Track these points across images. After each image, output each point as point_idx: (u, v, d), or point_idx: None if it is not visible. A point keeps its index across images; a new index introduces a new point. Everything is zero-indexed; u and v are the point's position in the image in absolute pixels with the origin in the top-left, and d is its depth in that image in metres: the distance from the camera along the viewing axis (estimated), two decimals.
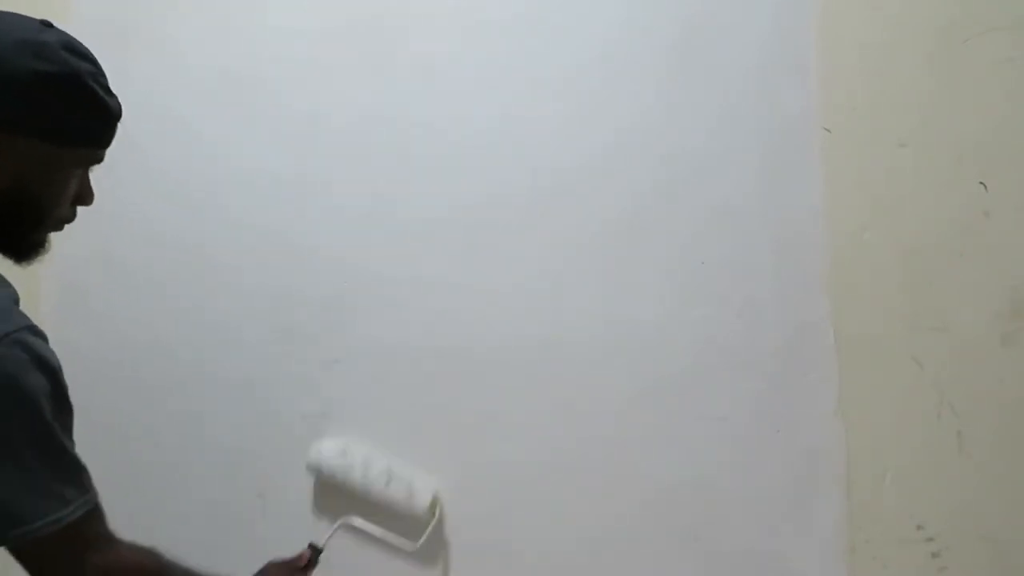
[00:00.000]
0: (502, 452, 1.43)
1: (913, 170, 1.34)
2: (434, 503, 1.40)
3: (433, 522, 1.40)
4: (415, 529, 1.40)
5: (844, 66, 1.36)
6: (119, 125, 0.99)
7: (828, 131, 1.36)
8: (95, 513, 0.91)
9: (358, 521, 1.36)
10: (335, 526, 1.32)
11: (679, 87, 1.41)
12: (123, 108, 0.98)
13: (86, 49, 0.95)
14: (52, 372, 0.88)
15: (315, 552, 1.26)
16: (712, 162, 1.39)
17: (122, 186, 1.43)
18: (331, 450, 1.43)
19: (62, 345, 1.08)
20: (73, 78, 0.91)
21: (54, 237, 1.00)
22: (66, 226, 1.00)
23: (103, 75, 0.96)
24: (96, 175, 1.50)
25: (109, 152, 1.48)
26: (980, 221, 1.32)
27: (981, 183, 1.32)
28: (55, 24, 0.95)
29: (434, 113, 1.47)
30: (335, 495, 1.44)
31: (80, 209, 1.02)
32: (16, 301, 0.90)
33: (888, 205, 1.34)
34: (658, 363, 1.39)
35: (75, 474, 0.90)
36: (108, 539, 0.94)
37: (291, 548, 1.43)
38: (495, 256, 1.45)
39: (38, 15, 0.97)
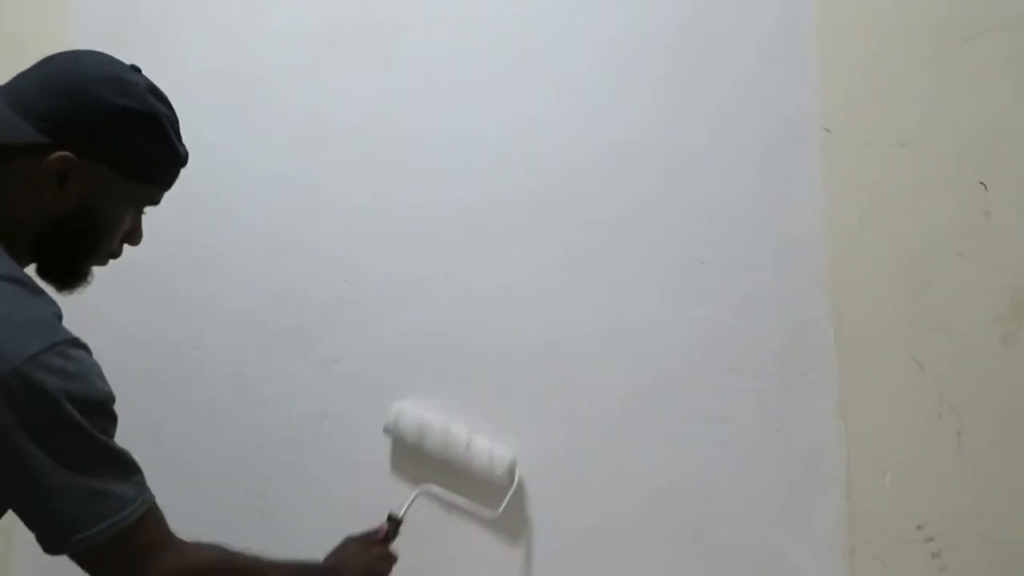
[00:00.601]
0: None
1: (913, 170, 1.34)
2: (512, 468, 1.37)
3: (512, 488, 1.36)
4: (491, 497, 1.38)
5: (844, 66, 1.36)
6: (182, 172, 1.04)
7: (828, 131, 1.36)
8: (152, 515, 0.92)
9: (436, 489, 1.32)
10: (413, 495, 1.28)
11: (679, 87, 1.41)
12: None
13: (166, 97, 1.00)
14: (95, 382, 0.89)
15: (394, 524, 1.22)
16: (712, 162, 1.39)
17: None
18: (408, 412, 1.39)
19: None
20: (152, 118, 0.96)
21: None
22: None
23: (178, 123, 1.01)
24: None
25: None
26: (980, 221, 1.32)
27: (981, 183, 1.32)
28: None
29: (434, 113, 1.48)
30: (410, 460, 1.41)
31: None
32: (59, 317, 0.91)
33: (888, 205, 1.34)
34: (658, 363, 1.39)
35: (127, 477, 0.90)
36: (169, 541, 0.94)
37: (291, 549, 1.43)
38: (495, 256, 1.45)
39: (38, 16, 0.97)
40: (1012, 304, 1.31)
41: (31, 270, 0.95)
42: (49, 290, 0.95)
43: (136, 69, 0.99)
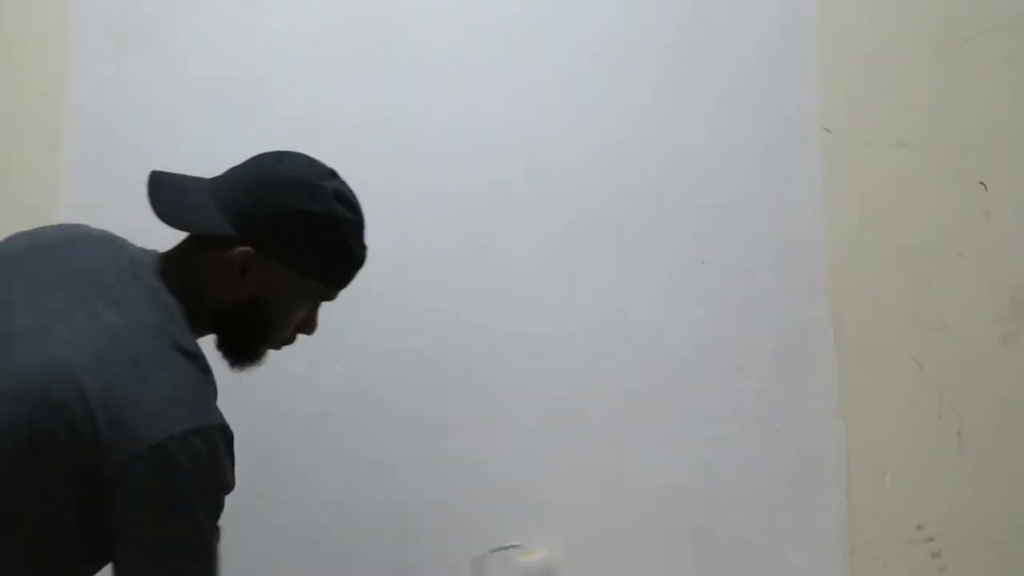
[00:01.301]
0: (502, 451, 1.43)
1: (913, 170, 1.34)
2: None
3: None
4: None
5: (844, 66, 1.36)
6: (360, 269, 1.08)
7: (828, 131, 1.36)
8: None
9: None
10: None
11: (679, 87, 1.41)
12: (122, 109, 1.03)
13: (357, 203, 1.04)
14: (224, 473, 0.91)
15: None
16: (712, 162, 1.39)
17: (122, 187, 1.43)
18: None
19: None
20: (332, 223, 1.00)
21: None
22: None
23: (362, 227, 1.05)
24: (96, 175, 1.50)
25: (109, 154, 1.49)
26: (980, 221, 1.32)
27: (981, 183, 1.32)
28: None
29: (433, 113, 1.47)
30: None
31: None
32: (212, 397, 0.95)
33: (888, 205, 1.34)
34: (658, 363, 1.39)
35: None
36: None
37: (292, 548, 1.43)
38: (495, 255, 1.45)
39: (37, 17, 0.98)
40: (1012, 304, 1.31)
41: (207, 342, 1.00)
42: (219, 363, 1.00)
43: (333, 174, 1.03)
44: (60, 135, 1.47)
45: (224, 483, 0.91)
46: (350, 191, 1.04)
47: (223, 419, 0.92)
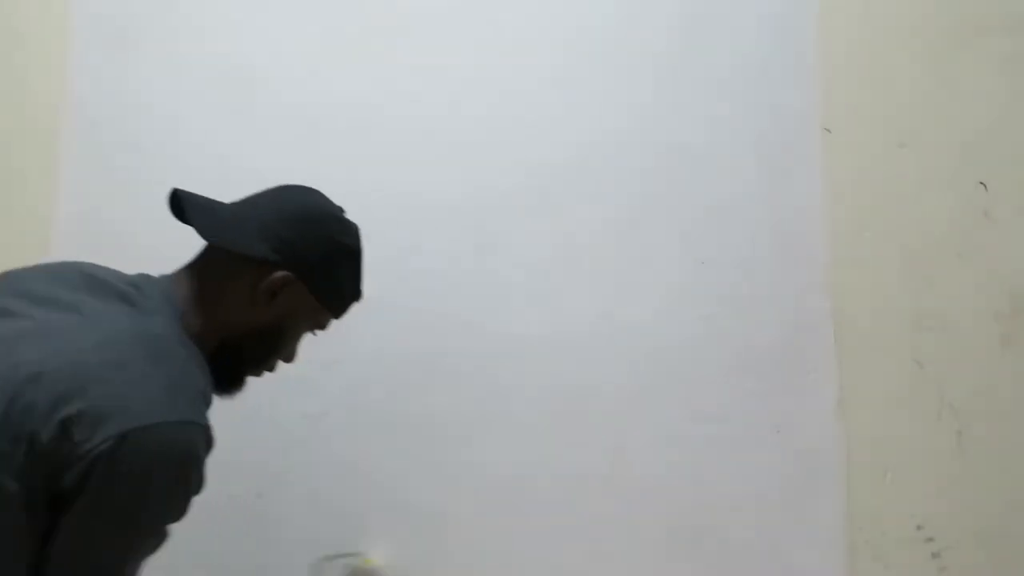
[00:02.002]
0: (502, 451, 1.43)
1: (913, 170, 1.34)
2: None
3: None
4: None
5: (844, 66, 1.37)
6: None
7: (828, 131, 1.36)
8: None
9: None
10: None
11: (679, 87, 1.41)
12: (123, 108, 1.07)
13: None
14: (198, 472, 0.93)
15: None
16: (712, 161, 1.39)
17: (123, 186, 1.43)
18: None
19: None
20: (358, 257, 1.10)
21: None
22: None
23: None
24: (96, 174, 1.50)
25: (109, 153, 1.49)
26: (980, 221, 1.32)
27: (981, 183, 1.32)
28: None
29: (433, 112, 1.47)
30: None
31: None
32: (206, 401, 0.97)
33: (888, 205, 1.34)
34: (658, 363, 1.39)
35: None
36: None
37: (291, 548, 1.42)
38: (494, 255, 1.45)
39: (37, 15, 0.98)
40: (1012, 304, 1.31)
41: None
42: None
43: (342, 210, 1.10)
44: (60, 135, 1.47)
45: (192, 482, 0.92)
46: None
47: (207, 420, 0.93)
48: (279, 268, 1.00)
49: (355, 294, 1.12)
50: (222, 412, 1.52)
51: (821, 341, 1.35)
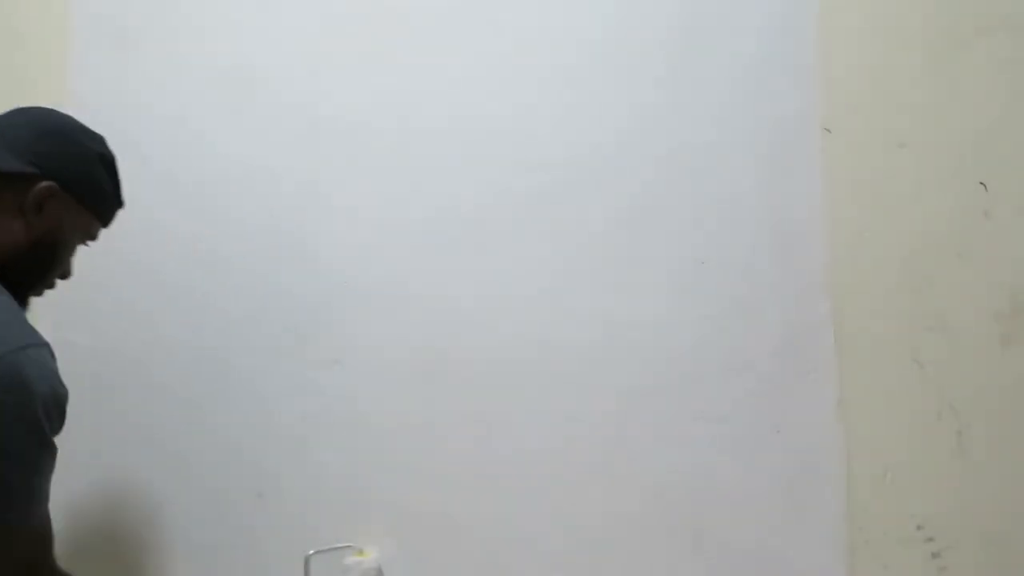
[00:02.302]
0: (502, 451, 1.43)
1: (913, 170, 1.34)
2: None
3: None
4: None
5: (844, 66, 1.36)
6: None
7: (828, 131, 1.36)
8: (39, 528, 1.00)
9: None
10: None
11: (679, 87, 1.41)
12: (123, 108, 1.19)
13: None
14: (60, 384, 1.00)
15: None
16: (712, 162, 1.39)
17: (123, 185, 1.43)
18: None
19: (61, 345, 1.08)
20: (112, 163, 1.19)
21: None
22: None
23: None
24: None
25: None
26: (980, 221, 1.32)
27: (981, 183, 1.32)
28: None
29: (433, 112, 1.47)
30: None
31: None
32: (28, 325, 1.02)
33: (888, 205, 1.34)
34: (658, 363, 1.39)
35: (41, 486, 0.98)
36: (48, 565, 1.04)
37: (291, 548, 1.43)
38: (494, 255, 1.45)
39: (37, 15, 0.98)
40: (1012, 304, 1.31)
41: None
42: None
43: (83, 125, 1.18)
44: None
45: (61, 393, 0.99)
46: None
47: (36, 336, 1.00)
48: (41, 180, 1.06)
49: (118, 199, 1.21)
50: (222, 412, 1.52)
51: (821, 341, 1.35)
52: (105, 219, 1.20)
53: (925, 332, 1.33)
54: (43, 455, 0.98)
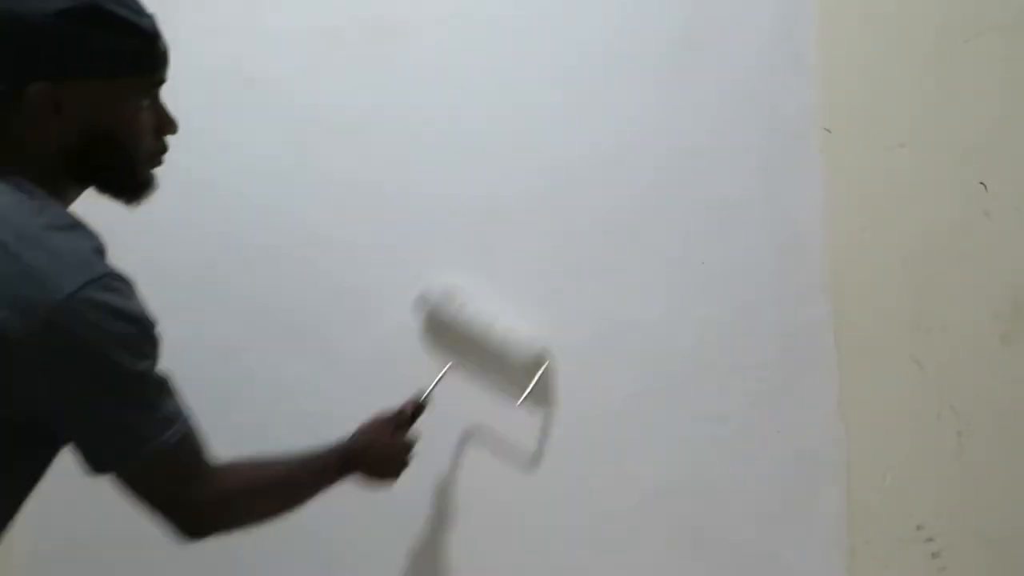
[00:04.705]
0: (503, 452, 1.43)
1: (913, 170, 1.34)
2: (542, 356, 1.39)
3: (538, 375, 1.38)
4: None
5: (844, 66, 1.36)
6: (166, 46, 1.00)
7: (828, 131, 1.36)
8: (187, 442, 0.96)
9: (459, 370, 1.36)
10: (439, 376, 1.32)
11: (679, 87, 1.41)
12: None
13: None
14: (137, 311, 0.92)
15: (418, 406, 1.27)
16: (712, 162, 1.39)
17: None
18: (443, 287, 1.41)
19: None
20: (92, 10, 0.90)
21: None
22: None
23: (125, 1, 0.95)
24: None
25: None
26: (980, 221, 1.32)
27: (981, 183, 1.32)
28: None
29: (433, 112, 1.47)
30: (440, 336, 1.44)
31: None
32: (100, 251, 0.92)
33: (888, 205, 1.34)
34: (658, 363, 1.39)
35: (162, 405, 0.94)
36: (203, 469, 0.98)
37: (291, 548, 1.42)
38: (494, 255, 1.45)
39: None
40: (1012, 304, 1.31)
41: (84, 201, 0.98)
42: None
43: None
44: None
45: (139, 319, 0.92)
46: None
47: (110, 266, 0.91)
48: (27, 87, 0.88)
49: (135, 40, 0.95)
50: (222, 413, 1.52)
51: (821, 341, 1.35)
52: (136, 71, 0.96)
53: (925, 332, 1.33)
54: (149, 376, 0.93)
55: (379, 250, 1.49)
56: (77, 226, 0.92)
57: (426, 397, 1.28)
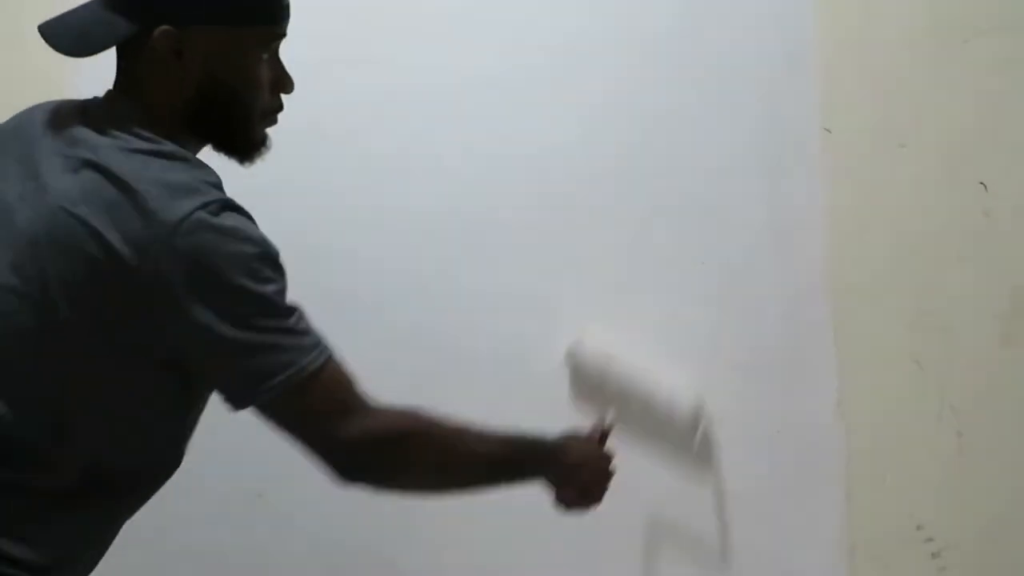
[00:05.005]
0: None
1: (913, 170, 1.34)
2: (699, 410, 1.32)
3: (701, 429, 1.32)
4: None
5: (844, 66, 1.36)
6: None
7: (828, 131, 1.36)
8: (332, 369, 0.92)
9: (628, 419, 1.26)
10: (613, 416, 1.16)
11: (678, 87, 1.41)
12: None
13: None
14: (255, 236, 0.89)
15: (604, 433, 1.13)
16: (712, 162, 1.39)
17: None
18: (594, 344, 1.36)
19: None
20: None
21: None
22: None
23: None
24: None
25: None
26: (980, 221, 1.32)
27: (981, 183, 1.32)
28: None
29: (433, 112, 1.47)
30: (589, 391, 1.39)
31: None
32: (217, 185, 0.92)
33: (888, 205, 1.34)
34: (658, 363, 1.39)
35: (299, 330, 0.90)
36: (356, 401, 0.94)
37: (291, 548, 1.42)
38: (494, 256, 1.45)
39: (37, 16, 0.97)
40: (1012, 304, 1.31)
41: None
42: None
43: None
44: None
45: (256, 244, 0.89)
46: None
47: (225, 195, 0.90)
48: (153, 29, 0.88)
49: None
50: (222, 412, 1.52)
51: (821, 341, 1.35)
52: (261, 19, 0.95)
53: (925, 332, 1.33)
54: (274, 300, 0.89)
55: (380, 251, 1.48)
56: (192, 160, 0.92)
57: (610, 424, 1.14)
